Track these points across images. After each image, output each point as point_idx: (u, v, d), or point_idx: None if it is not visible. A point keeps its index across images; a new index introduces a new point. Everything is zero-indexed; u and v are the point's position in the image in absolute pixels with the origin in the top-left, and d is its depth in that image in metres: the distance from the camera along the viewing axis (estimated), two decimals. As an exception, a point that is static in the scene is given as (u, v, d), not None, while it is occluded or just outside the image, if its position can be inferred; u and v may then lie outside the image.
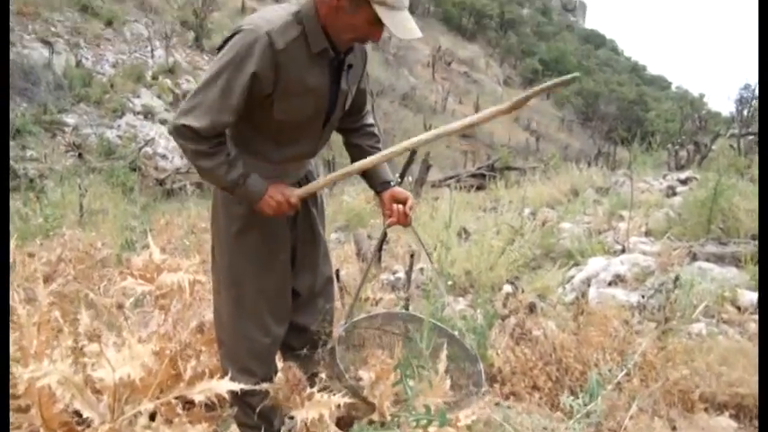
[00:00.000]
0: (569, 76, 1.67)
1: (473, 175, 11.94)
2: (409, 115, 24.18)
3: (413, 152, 9.07)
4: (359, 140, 2.09)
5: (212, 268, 2.05)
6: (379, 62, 29.05)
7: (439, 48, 37.36)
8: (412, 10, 1.79)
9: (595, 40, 74.63)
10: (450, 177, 11.89)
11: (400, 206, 1.99)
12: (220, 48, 1.74)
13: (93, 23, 13.95)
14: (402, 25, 1.69)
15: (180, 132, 1.71)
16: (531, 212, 6.20)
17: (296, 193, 1.83)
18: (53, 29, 12.65)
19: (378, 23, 1.68)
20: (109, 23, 14.46)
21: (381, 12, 1.65)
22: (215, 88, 1.69)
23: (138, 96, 12.56)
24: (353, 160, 2.03)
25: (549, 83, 1.69)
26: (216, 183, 1.83)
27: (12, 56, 10.66)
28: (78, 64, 12.17)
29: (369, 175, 2.06)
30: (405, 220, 2.00)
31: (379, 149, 2.06)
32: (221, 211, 1.96)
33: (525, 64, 48.60)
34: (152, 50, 14.81)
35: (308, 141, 1.91)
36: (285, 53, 1.69)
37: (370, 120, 2.15)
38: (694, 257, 4.27)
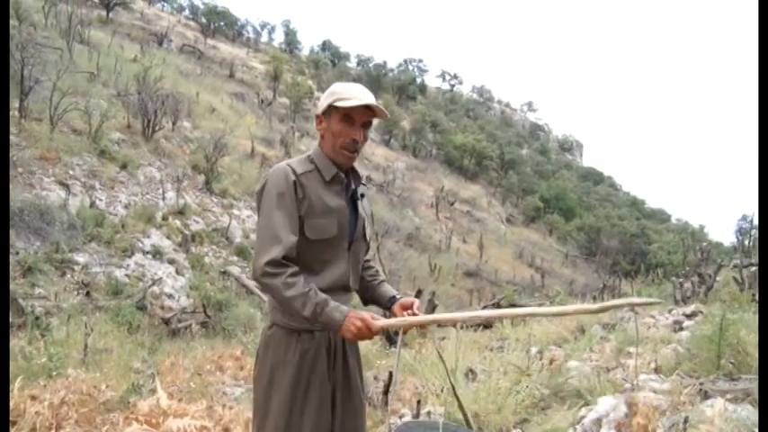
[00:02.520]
0: (652, 300, 1.89)
1: (479, 313, 11.83)
2: (414, 255, 24.44)
3: (418, 291, 9.15)
4: (362, 274, 2.32)
5: (254, 410, 2.15)
6: (384, 204, 29.84)
7: (442, 188, 38.47)
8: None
9: (594, 177, 76.83)
10: (456, 315, 11.78)
11: (409, 311, 2.15)
12: (259, 194, 2.06)
13: (109, 167, 14.56)
14: (357, 100, 2.03)
15: (264, 273, 1.94)
16: (537, 351, 6.14)
17: (378, 324, 1.96)
18: (71, 172, 13.21)
19: (346, 118, 2.05)
20: (123, 167, 15.08)
21: (339, 102, 2.03)
22: (274, 218, 1.97)
23: (148, 236, 12.84)
24: (359, 294, 2.34)
25: (634, 300, 1.93)
26: (297, 313, 1.96)
27: (31, 197, 11.09)
28: (92, 205, 12.59)
29: (377, 299, 2.30)
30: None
31: (382, 277, 2.35)
32: (261, 355, 2.13)
33: (527, 202, 49.76)
34: (163, 193, 15.33)
35: (339, 265, 2.09)
36: (304, 178, 2.03)
37: (368, 256, 2.38)
38: (706, 395, 4.20)
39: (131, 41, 33.60)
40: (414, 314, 2.13)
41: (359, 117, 2.06)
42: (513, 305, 12.49)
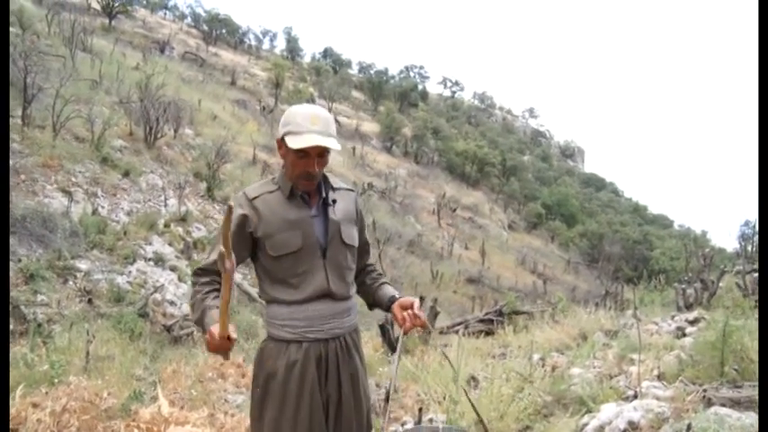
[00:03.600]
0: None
1: (481, 321, 11.81)
2: (416, 261, 24.42)
3: (420, 298, 9.12)
4: (363, 278, 2.39)
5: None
6: (385, 210, 29.85)
7: (444, 195, 38.49)
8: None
9: (596, 183, 76.86)
10: (459, 324, 11.76)
11: (409, 311, 2.18)
12: None
13: (112, 174, 14.58)
14: (302, 140, 1.99)
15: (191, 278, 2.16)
16: (540, 358, 6.12)
17: (216, 330, 1.92)
18: (73, 179, 13.23)
19: (299, 152, 2.03)
20: (126, 174, 15.10)
21: (288, 139, 2.01)
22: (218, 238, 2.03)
23: (150, 243, 12.84)
24: (364, 298, 2.38)
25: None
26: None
27: (33, 205, 11.10)
28: (94, 212, 12.60)
29: (378, 302, 2.33)
30: (417, 322, 2.16)
31: (383, 279, 2.39)
32: (256, 368, 2.17)
33: (529, 208, 49.82)
34: (165, 200, 15.34)
35: (316, 274, 2.09)
36: (259, 201, 2.09)
37: (370, 261, 2.43)
38: (709, 402, 4.18)
39: (134, 49, 33.79)
40: (414, 314, 2.16)
41: (312, 149, 2.03)
42: (515, 312, 12.45)
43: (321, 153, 2.05)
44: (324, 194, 2.15)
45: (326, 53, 74.93)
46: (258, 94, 42.99)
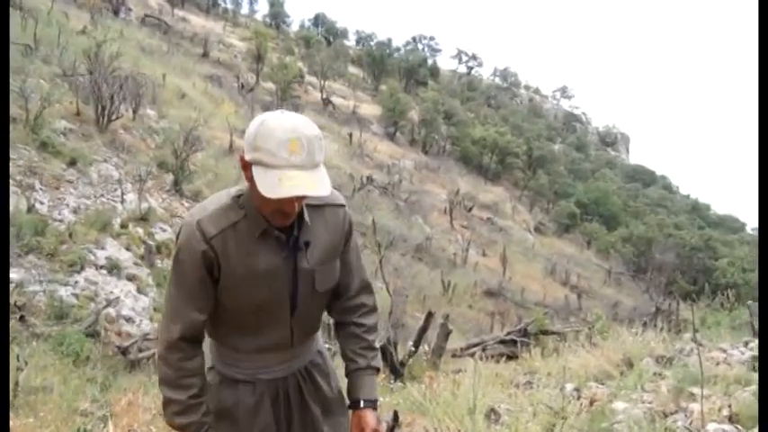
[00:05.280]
0: None
1: (502, 342, 11.77)
2: (424, 270, 24.38)
3: (429, 314, 9.05)
4: (344, 339, 2.21)
5: None
6: (388, 209, 29.85)
7: (457, 191, 38.50)
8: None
9: (643, 177, 77.01)
10: (475, 345, 11.71)
11: None
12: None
13: (53, 163, 14.42)
14: (273, 185, 1.71)
15: (160, 357, 1.98)
16: (574, 388, 6.02)
17: None
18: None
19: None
20: (72, 163, 14.96)
21: (256, 172, 1.75)
22: (175, 294, 1.94)
23: (103, 248, 12.75)
24: (341, 355, 2.21)
25: None
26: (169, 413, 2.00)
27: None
28: (30, 209, 12.47)
29: (347, 378, 2.18)
30: None
31: (364, 358, 2.16)
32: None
33: (560, 207, 49.86)
34: (122, 195, 15.25)
35: (278, 331, 2.02)
36: (218, 239, 1.86)
37: (363, 301, 2.21)
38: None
39: (79, 8, 33.66)
40: None
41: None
42: (543, 332, 12.37)
43: None
44: (295, 231, 1.93)
45: (318, 20, 75.15)
46: (235, 68, 43.05)
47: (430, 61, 74.73)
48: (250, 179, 1.80)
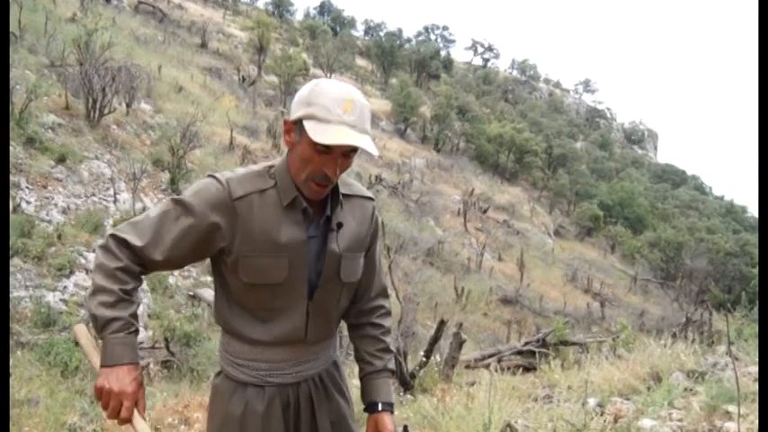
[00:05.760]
0: None
1: (519, 353, 11.76)
2: (436, 275, 24.37)
3: (441, 323, 9.02)
4: (360, 340, 2.29)
5: None
6: (398, 211, 29.84)
7: (471, 192, 38.48)
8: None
9: (673, 177, 76.92)
10: (490, 355, 11.70)
11: None
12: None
13: (41, 159, 14.43)
14: (332, 134, 1.82)
15: (102, 245, 1.92)
16: (597, 404, 5.99)
17: (135, 415, 1.86)
18: (-11, 166, 13.16)
19: (325, 148, 1.87)
20: (61, 160, 14.96)
21: (309, 126, 1.84)
22: (156, 222, 1.92)
23: (94, 250, 12.77)
24: (355, 356, 2.30)
25: None
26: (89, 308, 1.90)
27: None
28: (16, 209, 12.51)
29: (362, 389, 2.26)
30: None
31: (381, 360, 2.26)
32: (209, 409, 2.21)
33: (581, 209, 49.73)
34: (115, 194, 15.29)
35: (292, 317, 2.04)
36: (244, 202, 1.92)
37: (381, 303, 2.31)
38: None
39: (67, -7, 33.74)
40: None
41: (339, 147, 1.89)
42: (563, 342, 12.33)
43: (347, 152, 1.92)
44: (328, 211, 2.03)
45: (323, 9, 75.38)
46: (236, 60, 43.14)
47: (443, 53, 74.80)
48: (292, 142, 1.94)
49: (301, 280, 2.00)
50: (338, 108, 1.84)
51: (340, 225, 2.04)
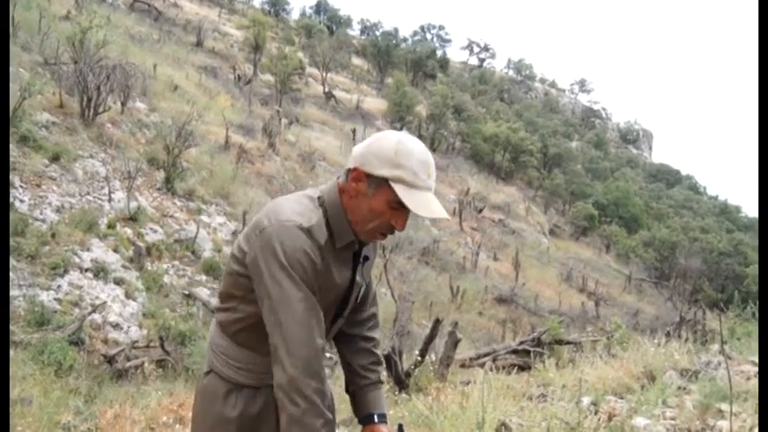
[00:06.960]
0: None
1: (514, 352, 11.77)
2: (431, 274, 24.36)
3: (436, 322, 9.02)
4: (352, 353, 2.29)
5: None
6: (393, 210, 29.74)
7: (467, 191, 38.50)
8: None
9: (667, 177, 76.99)
10: (485, 355, 11.71)
11: None
12: (265, 258, 1.88)
13: (34, 158, 14.38)
14: (424, 205, 1.89)
15: (303, 392, 1.84)
16: (591, 402, 6.00)
17: None
18: (-18, 165, 13.11)
19: (400, 206, 1.91)
20: (55, 159, 14.92)
21: (400, 191, 1.88)
22: (301, 298, 1.86)
23: (88, 249, 12.74)
24: (343, 367, 2.30)
25: None
26: None
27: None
28: (10, 208, 12.47)
29: (355, 403, 2.27)
30: None
31: (375, 373, 2.27)
32: (196, 409, 2.19)
33: (577, 209, 49.74)
34: (109, 193, 15.25)
35: None
36: (324, 250, 1.93)
37: (373, 311, 2.35)
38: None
39: (61, -10, 33.61)
40: None
41: None
42: (558, 342, 12.34)
43: None
44: (358, 246, 2.08)
45: (319, 8, 75.31)
46: (232, 59, 43.06)
47: (439, 52, 74.78)
48: (361, 192, 1.92)
49: (332, 311, 2.07)
50: (423, 173, 1.90)
51: (366, 258, 2.12)
